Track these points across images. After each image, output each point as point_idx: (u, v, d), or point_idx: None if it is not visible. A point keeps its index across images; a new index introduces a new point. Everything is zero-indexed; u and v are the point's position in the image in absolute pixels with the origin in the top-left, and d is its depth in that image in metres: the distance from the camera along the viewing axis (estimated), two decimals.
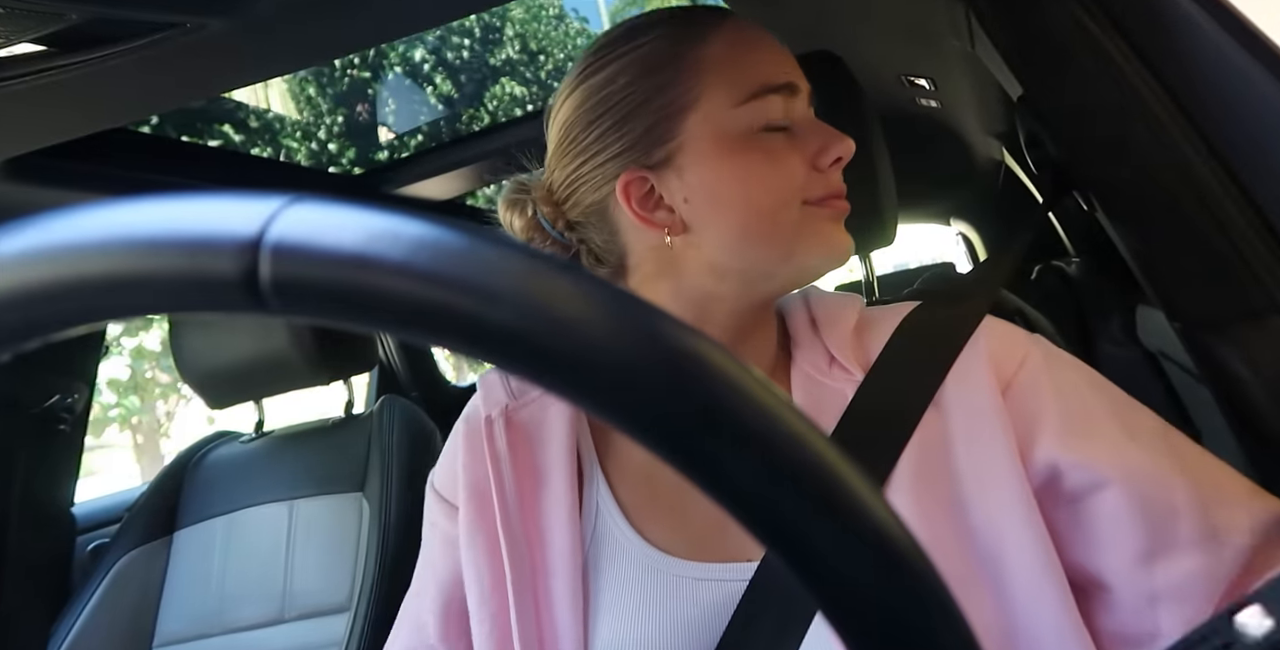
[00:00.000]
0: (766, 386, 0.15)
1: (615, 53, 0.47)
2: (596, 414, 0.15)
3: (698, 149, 0.45)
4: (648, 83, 0.46)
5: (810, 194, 0.46)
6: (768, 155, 0.45)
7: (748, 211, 0.45)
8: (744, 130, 0.45)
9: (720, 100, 0.45)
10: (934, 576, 0.15)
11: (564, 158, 0.49)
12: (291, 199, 0.15)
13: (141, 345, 7.33)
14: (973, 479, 0.44)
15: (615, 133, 0.46)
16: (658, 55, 0.46)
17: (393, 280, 0.14)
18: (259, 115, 7.51)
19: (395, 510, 1.16)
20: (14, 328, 0.16)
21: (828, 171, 0.47)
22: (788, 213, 0.45)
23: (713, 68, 0.45)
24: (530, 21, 9.88)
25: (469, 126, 8.90)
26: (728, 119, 0.45)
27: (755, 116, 0.45)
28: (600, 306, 0.15)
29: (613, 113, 0.46)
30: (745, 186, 0.45)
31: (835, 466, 0.15)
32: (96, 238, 0.15)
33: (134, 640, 1.19)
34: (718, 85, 0.45)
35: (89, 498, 1.47)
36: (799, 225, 0.46)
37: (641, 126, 0.46)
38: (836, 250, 0.48)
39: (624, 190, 0.47)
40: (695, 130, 0.45)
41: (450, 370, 2.33)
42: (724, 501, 0.15)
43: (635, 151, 0.46)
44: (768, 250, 0.46)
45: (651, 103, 0.45)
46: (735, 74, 0.45)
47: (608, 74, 0.47)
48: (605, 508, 0.49)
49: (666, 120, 0.45)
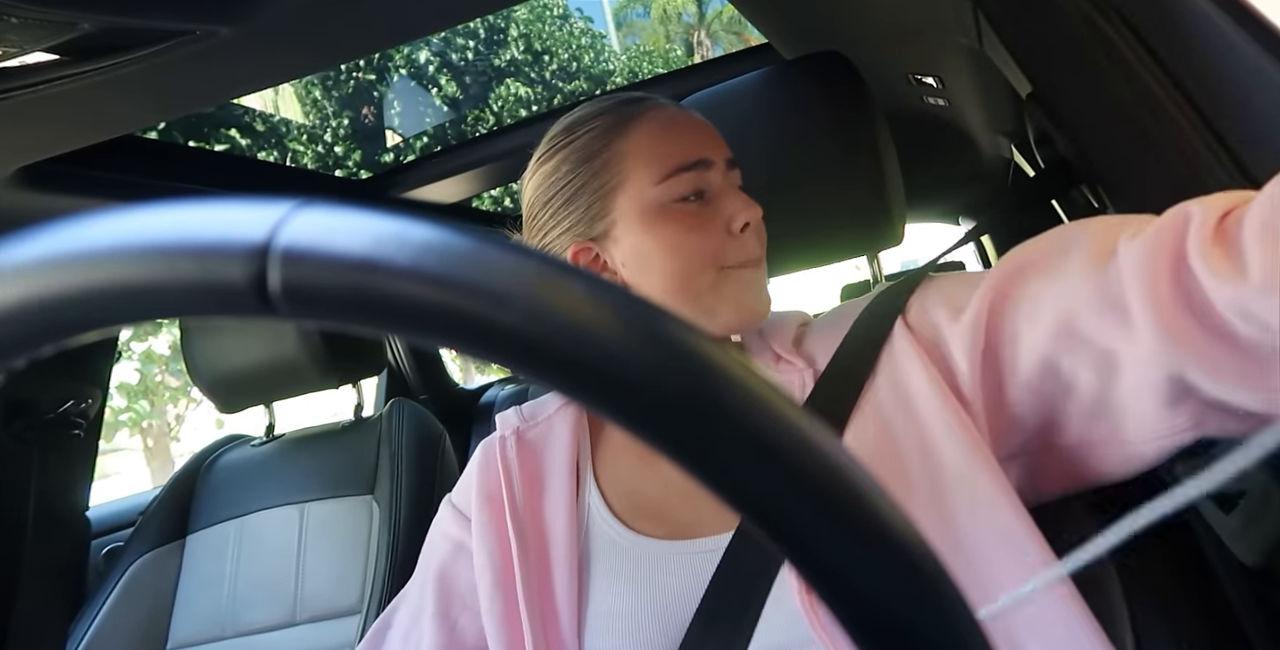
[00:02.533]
0: (770, 387, 0.15)
1: (561, 144, 0.57)
2: (603, 413, 0.15)
3: (627, 222, 0.54)
4: (585, 170, 0.55)
5: (727, 260, 0.54)
6: (686, 224, 0.53)
7: (671, 273, 0.54)
8: (664, 204, 0.54)
9: (642, 181, 0.54)
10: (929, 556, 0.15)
11: (530, 231, 0.60)
12: (299, 204, 0.15)
13: (151, 349, 7.39)
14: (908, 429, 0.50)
15: (564, 211, 0.56)
16: (591, 147, 0.56)
17: (400, 284, 0.14)
18: (265, 119, 7.56)
19: (405, 512, 1.17)
20: (28, 334, 0.16)
21: (741, 237, 0.54)
22: (705, 276, 0.54)
23: (632, 155, 0.54)
24: (535, 22, 9.91)
25: (474, 128, 8.92)
26: (649, 195, 0.54)
27: (671, 191, 0.53)
28: (608, 308, 0.15)
29: (560, 195, 0.56)
30: (667, 252, 0.54)
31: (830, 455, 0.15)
32: (107, 245, 0.15)
33: (148, 643, 1.20)
34: (638, 169, 0.54)
35: (102, 501, 1.48)
36: (716, 287, 0.54)
37: (584, 206, 0.55)
38: (749, 311, 0.55)
39: (574, 259, 0.56)
40: (624, 207, 0.54)
41: (458, 373, 2.33)
42: (729, 501, 0.15)
43: (581, 226, 0.56)
44: (692, 308, 0.54)
45: (589, 186, 0.55)
46: (651, 158, 0.54)
47: (554, 162, 0.57)
48: (597, 509, 0.57)
49: (601, 200, 0.55)
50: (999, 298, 0.49)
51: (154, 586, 1.23)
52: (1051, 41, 0.58)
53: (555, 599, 0.53)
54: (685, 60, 15.60)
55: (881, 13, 1.08)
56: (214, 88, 0.75)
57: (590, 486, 0.58)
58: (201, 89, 0.73)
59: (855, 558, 0.15)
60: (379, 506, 1.20)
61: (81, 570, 1.30)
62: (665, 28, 18.20)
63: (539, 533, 0.56)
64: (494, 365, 0.16)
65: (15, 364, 0.16)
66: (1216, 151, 0.48)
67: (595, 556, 0.55)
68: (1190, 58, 0.49)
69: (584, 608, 0.53)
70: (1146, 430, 0.44)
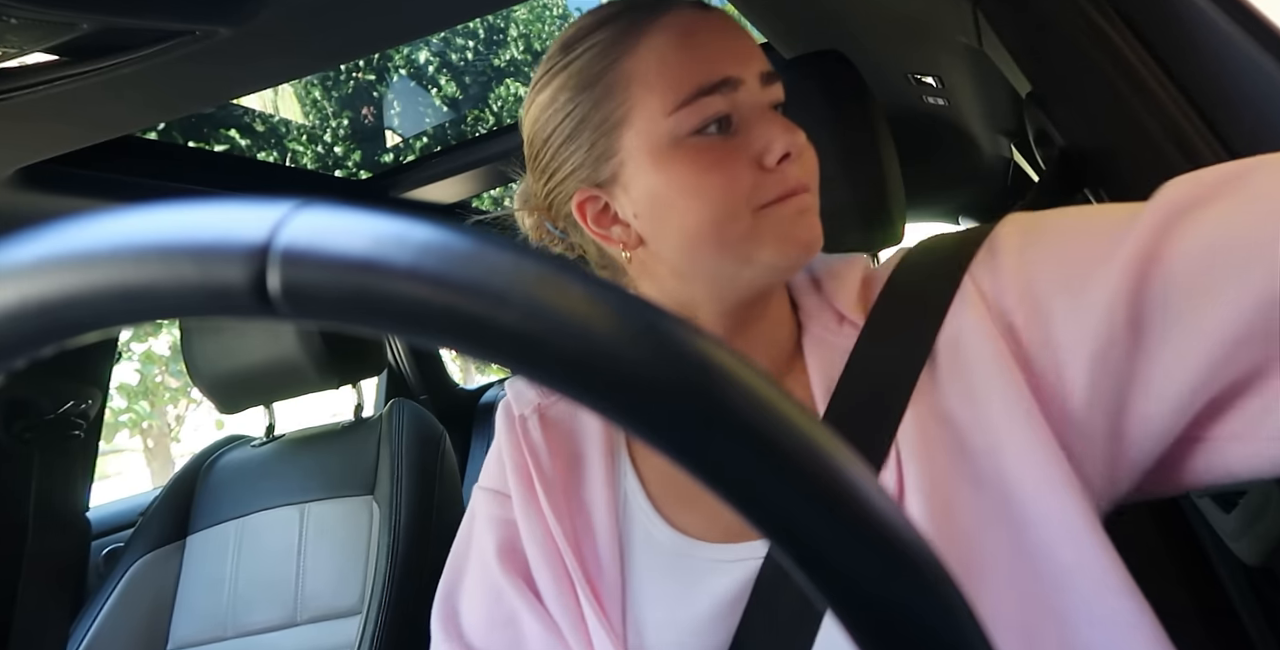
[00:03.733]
0: (770, 384, 0.15)
1: (558, 66, 0.46)
2: (603, 414, 0.15)
3: (637, 164, 0.44)
4: (585, 98, 0.45)
5: (762, 198, 0.43)
6: (706, 162, 0.43)
7: (692, 223, 0.44)
8: (679, 138, 0.43)
9: (651, 111, 0.43)
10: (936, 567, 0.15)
11: (532, 173, 0.50)
12: (298, 204, 0.15)
13: (150, 350, 7.39)
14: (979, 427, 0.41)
15: (565, 151, 0.46)
16: (591, 69, 0.45)
17: (400, 284, 0.14)
18: (265, 120, 7.56)
19: (405, 513, 1.17)
20: (29, 336, 0.16)
21: (778, 170, 0.43)
22: (736, 222, 0.43)
23: (640, 77, 0.43)
24: (534, 22, 9.90)
25: (474, 128, 8.93)
26: (661, 129, 0.43)
27: (687, 122, 0.43)
28: (606, 308, 0.15)
29: (559, 132, 0.46)
30: (686, 198, 0.43)
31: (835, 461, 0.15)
32: (107, 246, 0.15)
33: (149, 644, 1.20)
34: (647, 96, 0.43)
35: (102, 502, 1.48)
36: (752, 230, 0.43)
37: (586, 145, 0.45)
38: (797, 248, 0.44)
39: (579, 209, 0.47)
40: (632, 144, 0.44)
41: (458, 373, 2.33)
42: (734, 503, 0.15)
43: (585, 169, 0.46)
44: (722, 257, 0.45)
45: (590, 120, 0.45)
46: (664, 82, 0.43)
47: (551, 91, 0.46)
48: (634, 497, 0.50)
49: (605, 136, 0.45)
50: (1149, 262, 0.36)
51: (154, 587, 1.23)
52: (1051, 41, 0.58)
53: (604, 601, 0.47)
54: None
55: (881, 12, 1.07)
56: (214, 88, 0.75)
57: (626, 471, 0.51)
58: (201, 89, 0.73)
59: (854, 557, 0.15)
60: (379, 507, 1.20)
61: (82, 571, 1.30)
62: None
63: (581, 527, 0.50)
64: (494, 365, 0.16)
65: (16, 365, 0.16)
66: (1217, 150, 0.48)
67: (635, 555, 0.49)
68: (1190, 57, 0.49)
69: (628, 618, 0.47)
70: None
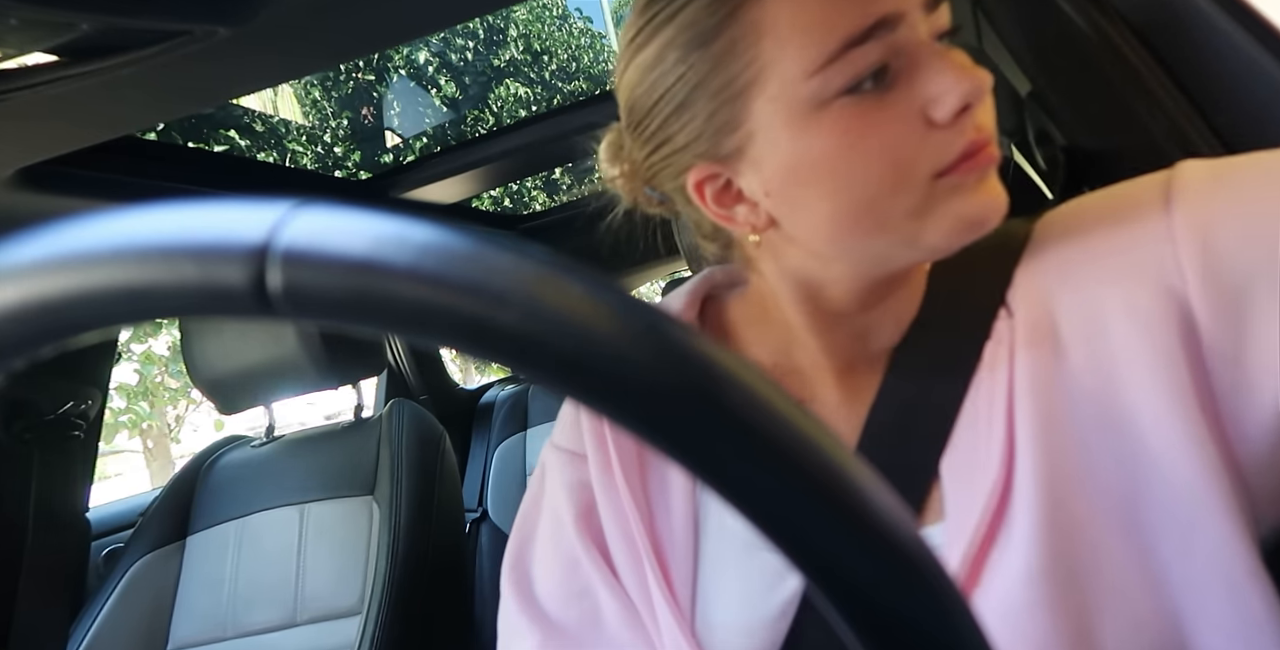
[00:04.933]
0: (770, 385, 0.15)
1: (660, 15, 0.37)
2: (603, 415, 0.15)
3: (771, 135, 0.36)
4: (699, 58, 0.36)
5: (938, 163, 0.34)
6: (862, 128, 0.34)
7: (845, 202, 0.36)
8: (825, 101, 0.34)
9: (790, 71, 0.34)
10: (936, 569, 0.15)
11: (635, 141, 0.42)
12: (298, 204, 0.15)
13: (150, 350, 7.39)
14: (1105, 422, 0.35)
15: (676, 121, 0.38)
16: (705, 21, 0.35)
17: (400, 284, 0.14)
18: (265, 120, 7.56)
19: (405, 513, 1.17)
20: (30, 335, 0.16)
21: (954, 124, 0.34)
22: (902, 197, 0.35)
23: (775, 29, 0.34)
24: (534, 22, 9.91)
25: (474, 128, 8.93)
26: (802, 93, 0.34)
27: (836, 81, 0.33)
28: (606, 307, 0.15)
29: (668, 99, 0.38)
30: (837, 174, 0.35)
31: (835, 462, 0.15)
32: (108, 246, 0.15)
33: (149, 644, 1.20)
34: (784, 51, 0.34)
35: (102, 503, 1.48)
36: (924, 205, 0.35)
37: (704, 114, 0.37)
38: (974, 222, 0.35)
39: (697, 188, 0.40)
40: (764, 113, 0.36)
41: (458, 373, 2.33)
42: (734, 503, 0.15)
43: (702, 142, 0.38)
44: (880, 238, 0.37)
45: (708, 84, 0.36)
46: (805, 33, 0.33)
47: (655, 49, 0.37)
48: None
49: (728, 104, 0.36)
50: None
51: (154, 587, 1.23)
52: (1051, 41, 0.58)
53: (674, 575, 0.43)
54: None
55: None
56: (213, 88, 0.75)
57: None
58: (201, 89, 0.73)
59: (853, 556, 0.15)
60: (379, 507, 1.20)
61: (82, 571, 1.30)
62: None
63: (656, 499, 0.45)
64: (494, 365, 0.16)
65: (16, 364, 0.16)
66: (1217, 150, 0.48)
67: (708, 545, 0.44)
68: (1189, 56, 0.49)
69: (698, 610, 0.43)
70: None
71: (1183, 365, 0.32)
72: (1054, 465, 0.35)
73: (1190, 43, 0.48)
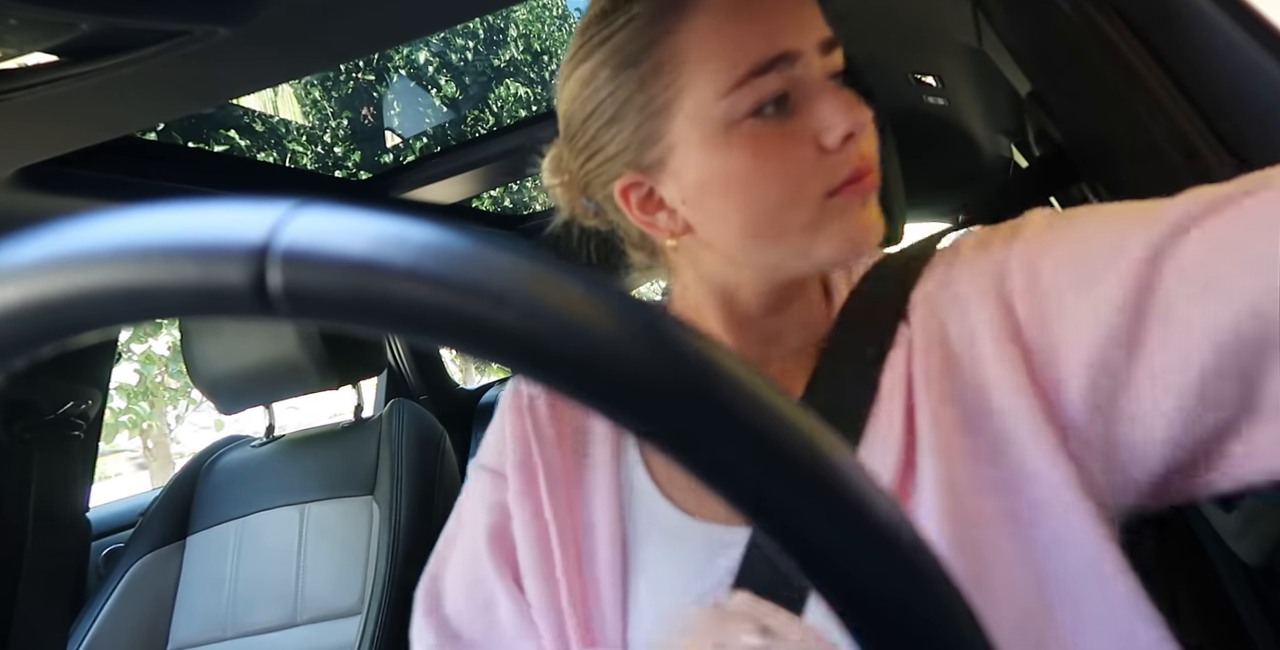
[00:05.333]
0: (767, 383, 0.15)
1: (594, 38, 0.42)
2: (601, 413, 0.15)
3: (687, 150, 0.41)
4: (628, 77, 0.41)
5: (828, 183, 0.40)
6: (764, 148, 0.40)
7: (750, 212, 0.41)
8: (733, 122, 0.40)
9: (704, 92, 0.39)
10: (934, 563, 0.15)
11: (570, 151, 0.47)
12: (297, 204, 0.15)
13: (150, 350, 7.39)
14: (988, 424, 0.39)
15: (607, 133, 0.43)
16: (632, 45, 0.41)
17: (399, 284, 0.14)
18: (265, 120, 7.56)
19: (405, 513, 1.17)
20: (31, 333, 0.16)
21: (841, 150, 0.40)
22: (798, 211, 0.40)
23: (691, 56, 0.39)
24: (534, 22, 9.91)
25: (474, 128, 8.93)
26: (713, 113, 0.40)
27: (743, 104, 0.39)
28: (604, 307, 0.15)
29: (600, 112, 0.43)
30: (743, 187, 0.41)
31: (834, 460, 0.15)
32: (108, 246, 0.15)
33: (149, 644, 1.20)
34: (699, 75, 0.39)
35: (102, 503, 1.48)
36: (815, 220, 0.41)
37: (630, 127, 0.42)
38: (856, 242, 0.42)
39: (623, 194, 0.45)
40: (682, 129, 0.41)
41: (458, 373, 2.33)
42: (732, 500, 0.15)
43: (628, 153, 0.43)
44: (778, 248, 0.42)
45: (635, 100, 0.41)
46: (717, 59, 0.39)
47: (591, 66, 0.42)
48: (640, 483, 0.49)
49: (652, 119, 0.41)
50: (1158, 263, 0.34)
51: (154, 587, 1.23)
52: (1051, 41, 0.58)
53: (600, 590, 0.47)
54: None
55: (881, 12, 1.07)
56: (213, 88, 0.75)
57: (632, 458, 0.51)
58: (201, 89, 0.73)
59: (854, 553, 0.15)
60: (379, 507, 1.20)
61: (82, 572, 1.30)
62: None
63: (579, 512, 0.49)
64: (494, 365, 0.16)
65: (16, 364, 0.16)
66: (1216, 150, 0.48)
67: (639, 536, 0.48)
68: (1190, 56, 0.49)
69: (629, 597, 0.47)
70: None
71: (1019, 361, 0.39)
72: (950, 460, 0.39)
73: (1190, 43, 0.48)
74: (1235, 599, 0.74)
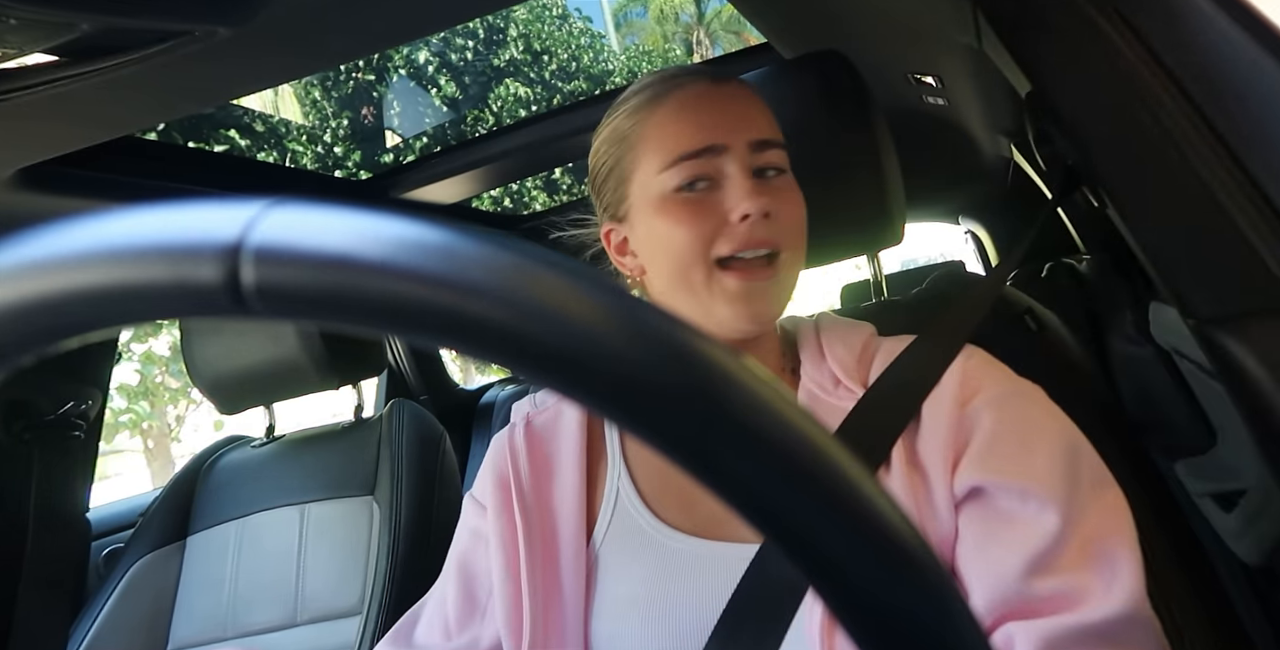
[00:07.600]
0: (765, 382, 0.15)
1: (609, 117, 0.58)
2: (583, 404, 0.15)
3: (638, 209, 0.55)
4: (616, 150, 0.56)
5: (720, 250, 0.51)
6: (680, 216, 0.52)
7: (668, 263, 0.53)
8: (665, 193, 0.52)
9: (649, 167, 0.53)
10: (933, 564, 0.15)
11: (593, 198, 0.61)
12: (271, 203, 0.15)
13: (151, 350, 7.38)
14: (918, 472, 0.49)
15: (603, 187, 0.58)
16: (623, 126, 0.56)
17: (373, 279, 0.14)
18: (265, 120, 7.55)
19: (406, 513, 1.17)
20: (9, 343, 0.16)
21: (741, 225, 0.51)
22: (695, 271, 0.51)
23: (645, 141, 0.54)
24: (534, 22, 9.90)
25: (474, 128, 8.93)
26: (654, 183, 0.53)
27: (672, 180, 0.52)
28: (584, 298, 0.14)
29: (600, 171, 0.58)
30: (664, 245, 0.53)
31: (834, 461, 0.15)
32: (79, 250, 0.15)
33: (149, 644, 1.19)
34: (648, 154, 0.54)
35: (103, 503, 1.48)
36: (709, 283, 0.52)
37: (612, 186, 0.57)
38: (743, 318, 0.52)
39: (605, 237, 0.59)
40: (636, 193, 0.55)
41: (458, 373, 2.33)
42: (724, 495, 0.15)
43: (611, 207, 0.57)
44: (690, 302, 0.53)
45: (616, 169, 0.56)
46: (660, 144, 0.53)
47: (603, 136, 0.58)
48: (625, 492, 0.56)
49: (621, 184, 0.56)
50: (968, 436, 0.48)
51: (155, 587, 1.23)
52: (1051, 41, 0.58)
53: (561, 581, 0.53)
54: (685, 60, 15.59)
55: (881, 12, 1.07)
56: (214, 88, 0.75)
57: (618, 469, 0.57)
58: (201, 90, 0.73)
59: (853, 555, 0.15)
60: (379, 507, 1.20)
61: (82, 572, 1.30)
62: (664, 27, 18.18)
63: (547, 515, 0.56)
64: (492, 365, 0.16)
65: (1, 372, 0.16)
66: (1216, 150, 0.48)
67: (614, 540, 0.54)
68: (1190, 57, 0.49)
69: (593, 591, 0.53)
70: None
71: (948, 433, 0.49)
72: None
73: (1190, 42, 0.48)
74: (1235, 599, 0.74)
